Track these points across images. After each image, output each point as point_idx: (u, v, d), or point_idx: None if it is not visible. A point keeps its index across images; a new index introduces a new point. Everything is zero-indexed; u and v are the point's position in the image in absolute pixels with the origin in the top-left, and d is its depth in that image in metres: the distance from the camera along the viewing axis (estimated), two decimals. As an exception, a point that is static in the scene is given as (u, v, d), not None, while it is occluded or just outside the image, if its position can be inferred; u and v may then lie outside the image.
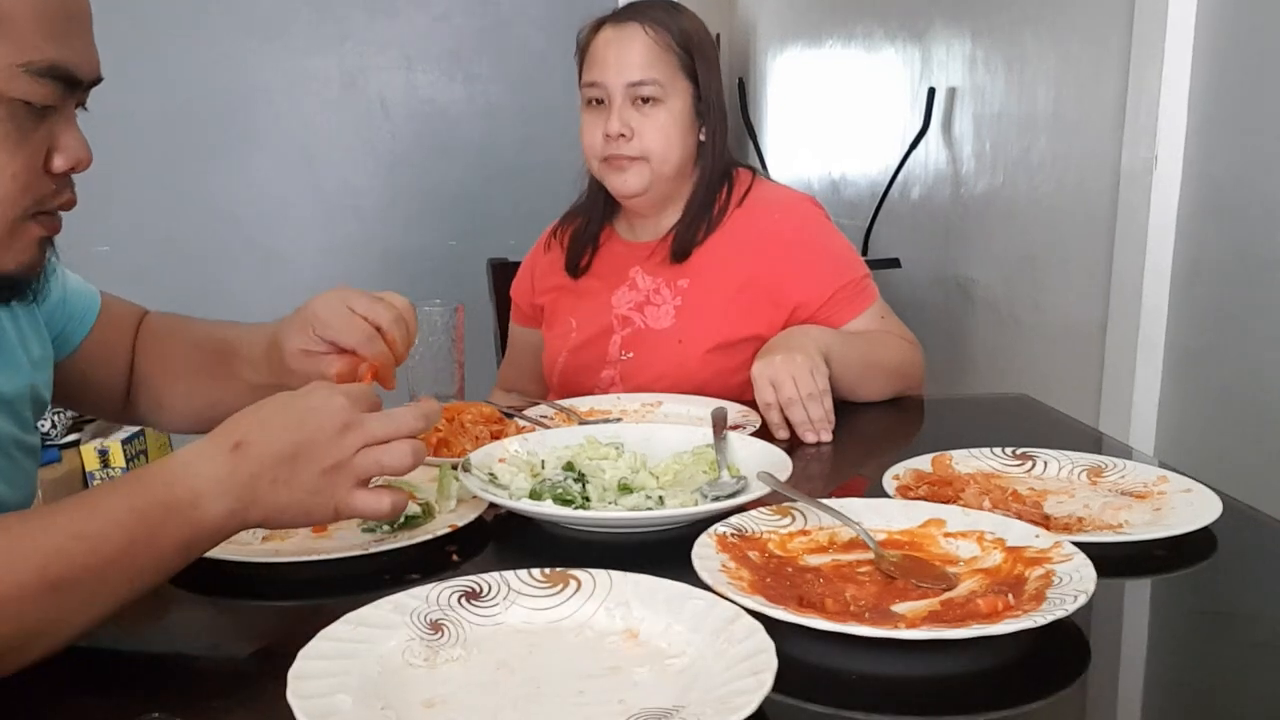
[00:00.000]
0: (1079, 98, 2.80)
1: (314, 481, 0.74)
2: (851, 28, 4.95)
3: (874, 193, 4.38)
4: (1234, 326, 2.14)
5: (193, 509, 0.70)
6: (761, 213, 1.47)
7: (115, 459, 1.76)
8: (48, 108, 0.77)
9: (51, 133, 0.79)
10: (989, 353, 3.50)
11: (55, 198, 0.82)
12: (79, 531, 0.65)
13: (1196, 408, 2.27)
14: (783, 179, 1.79)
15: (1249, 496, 0.96)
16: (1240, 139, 2.09)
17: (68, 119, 0.80)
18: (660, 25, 1.40)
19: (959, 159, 3.73)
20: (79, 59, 0.78)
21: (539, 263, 1.61)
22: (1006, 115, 3.32)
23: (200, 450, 0.73)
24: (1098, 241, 2.62)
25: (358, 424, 0.75)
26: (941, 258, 3.86)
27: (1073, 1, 2.86)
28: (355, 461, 0.75)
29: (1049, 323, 3.00)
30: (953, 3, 3.77)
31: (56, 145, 0.79)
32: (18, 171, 0.77)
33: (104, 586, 0.66)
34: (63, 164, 0.80)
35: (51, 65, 0.75)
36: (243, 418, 0.75)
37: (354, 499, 0.75)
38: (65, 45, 0.77)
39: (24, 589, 0.62)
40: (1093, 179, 2.67)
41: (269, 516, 0.74)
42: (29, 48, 0.74)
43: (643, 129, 1.40)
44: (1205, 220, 2.21)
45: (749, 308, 1.43)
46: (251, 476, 0.72)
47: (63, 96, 0.78)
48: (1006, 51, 3.31)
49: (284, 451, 0.73)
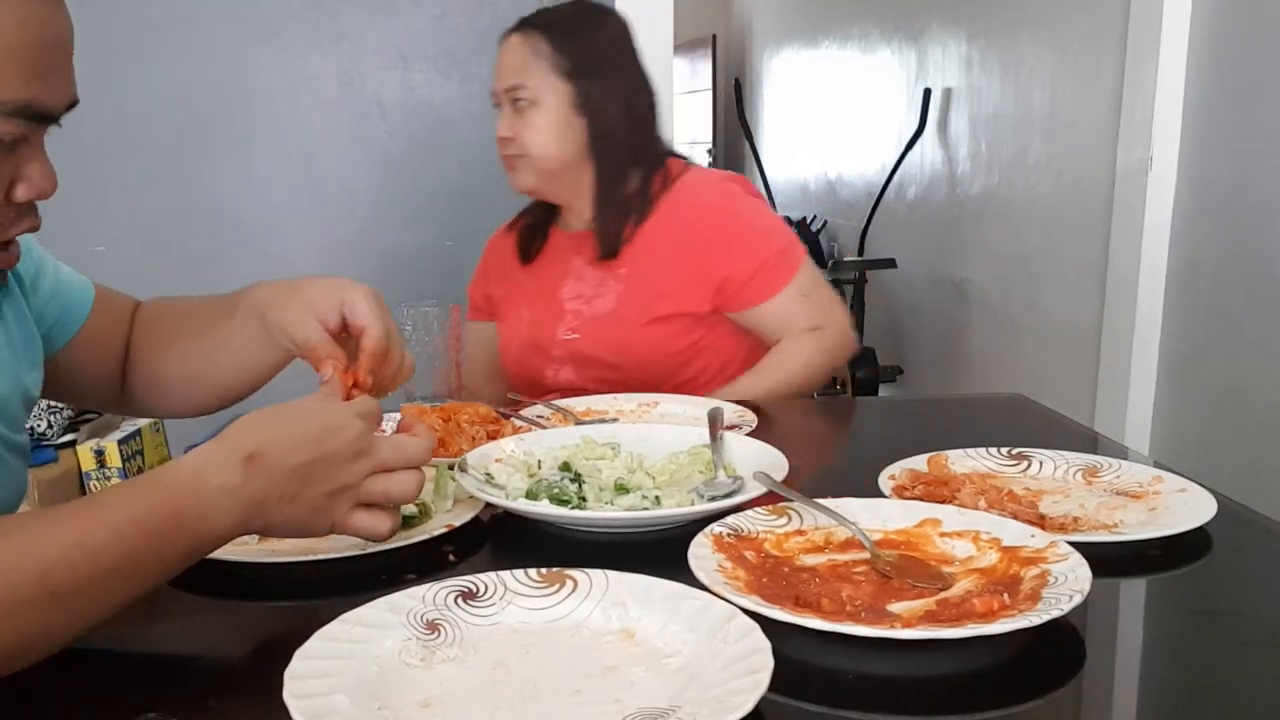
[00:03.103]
0: (1074, 98, 2.80)
1: (319, 500, 0.74)
2: (848, 28, 4.96)
3: (870, 193, 4.39)
4: (1229, 326, 2.14)
5: (199, 521, 0.69)
6: (687, 194, 1.58)
7: (111, 459, 1.75)
8: (18, 141, 0.75)
9: (17, 164, 0.76)
10: (984, 353, 3.51)
11: (14, 226, 0.79)
12: (82, 541, 0.65)
13: (1192, 407, 2.28)
14: (779, 179, 1.80)
15: (1244, 496, 0.96)
16: (1236, 140, 2.10)
17: (35, 148, 0.77)
18: (534, 30, 1.53)
19: (955, 160, 3.73)
20: (53, 95, 0.75)
21: (494, 256, 1.75)
22: (1002, 116, 3.32)
23: (210, 457, 0.71)
24: (1093, 242, 2.63)
25: (371, 451, 0.76)
26: (937, 258, 3.87)
27: (1069, 3, 2.87)
28: (363, 487, 0.76)
29: (1044, 323, 3.01)
30: (949, 4, 3.77)
31: (20, 175, 0.77)
32: None
33: (105, 595, 0.65)
34: (25, 194, 0.77)
35: (24, 106, 0.73)
36: (259, 424, 0.73)
37: (354, 519, 0.76)
38: (40, 83, 0.73)
39: (24, 598, 0.62)
40: (1088, 179, 2.68)
41: (269, 527, 0.74)
42: (2, 87, 0.71)
43: (520, 130, 1.53)
44: (1201, 221, 2.22)
45: (682, 285, 1.55)
46: (262, 492, 0.71)
47: (33, 130, 0.76)
48: (1002, 52, 3.31)
49: (297, 469, 0.72)
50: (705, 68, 7.45)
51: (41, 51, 0.73)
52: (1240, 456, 2.11)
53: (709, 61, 7.41)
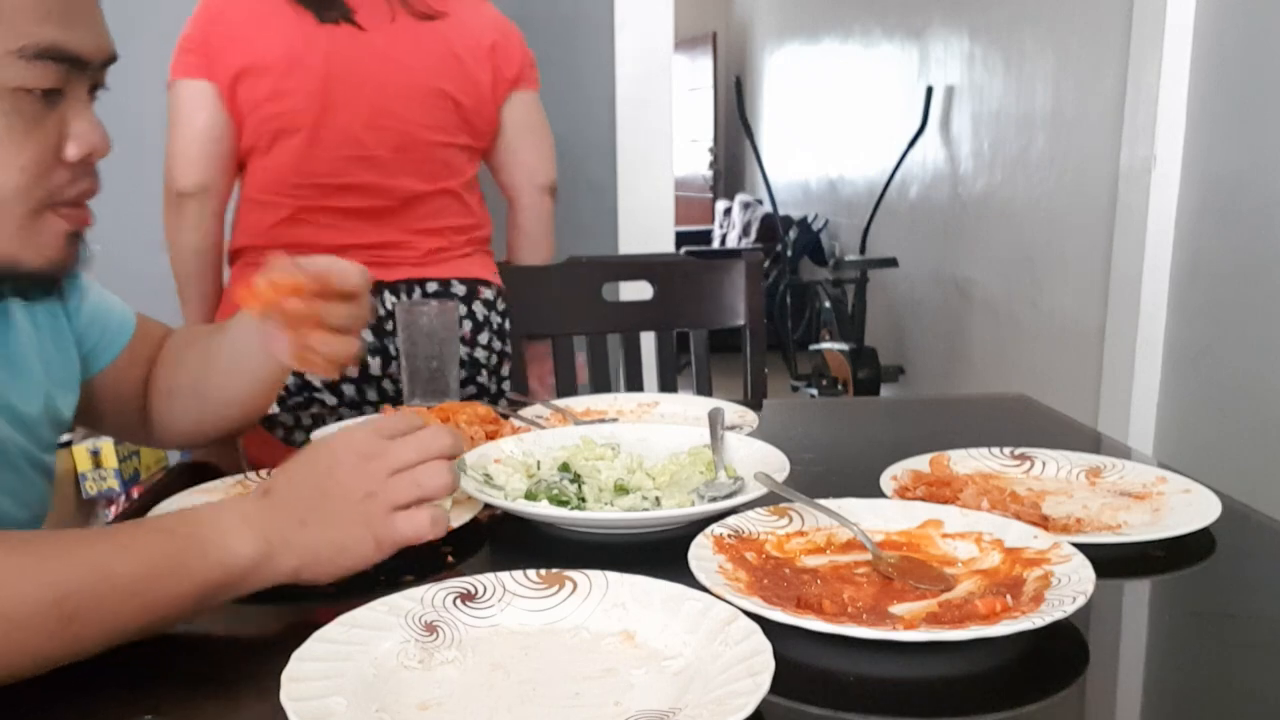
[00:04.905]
0: (1078, 96, 2.80)
1: (347, 515, 0.72)
2: (849, 25, 4.95)
3: (872, 192, 4.39)
4: (1233, 326, 2.13)
5: (220, 550, 0.68)
6: None
7: (107, 460, 1.75)
8: (54, 92, 0.75)
9: (63, 119, 0.76)
10: (987, 352, 3.50)
11: (71, 186, 0.79)
12: (104, 564, 0.64)
13: (1196, 407, 2.27)
14: (780, 178, 1.80)
15: (1248, 496, 0.95)
16: (1240, 138, 2.09)
17: (80, 103, 0.78)
18: None
19: (957, 158, 3.73)
20: (82, 38, 0.75)
21: None
22: (1005, 114, 3.32)
23: (233, 499, 0.74)
24: (1096, 241, 2.62)
25: (380, 452, 0.74)
26: (939, 257, 3.86)
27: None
28: (389, 487, 0.73)
29: (1047, 322, 3.00)
30: (951, 0, 3.76)
31: (68, 132, 0.77)
32: (26, 163, 0.75)
33: (118, 622, 0.65)
34: (76, 152, 0.77)
35: (49, 47, 0.72)
36: (274, 474, 0.75)
37: (394, 524, 0.73)
38: (65, 25, 0.73)
39: (37, 619, 0.61)
40: (1091, 178, 2.67)
41: (304, 562, 0.71)
42: (22, 32, 0.71)
43: None
44: (1205, 219, 2.21)
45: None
46: (278, 515, 0.71)
47: (69, 79, 0.75)
48: (1005, 49, 3.31)
49: (309, 493, 0.72)
50: (706, 65, 7.45)
51: None
52: (1245, 457, 2.10)
53: (710, 59, 7.41)
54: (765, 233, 5.90)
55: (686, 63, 7.34)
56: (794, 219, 5.42)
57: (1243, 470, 2.05)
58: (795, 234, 5.23)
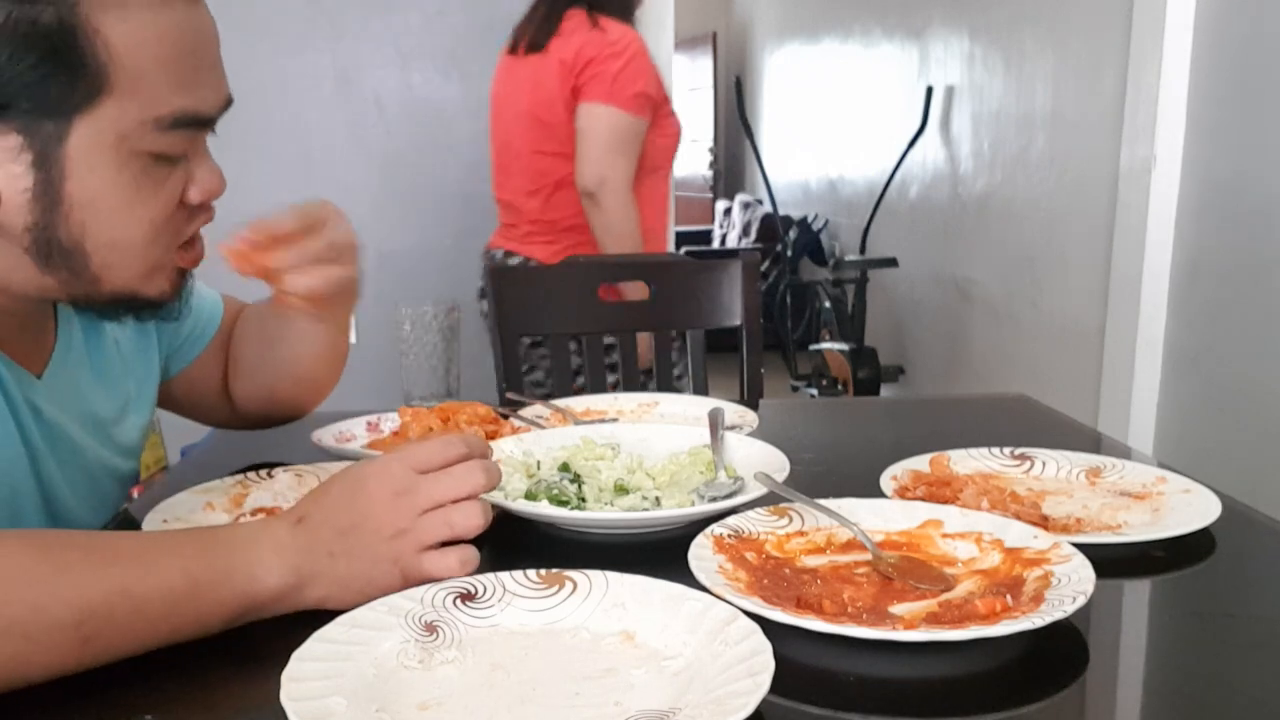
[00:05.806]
0: (1077, 96, 2.79)
1: (377, 551, 0.72)
2: (849, 25, 4.95)
3: (872, 192, 4.38)
4: (1234, 325, 2.13)
5: (249, 580, 0.68)
6: None
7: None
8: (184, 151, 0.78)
9: (187, 170, 0.79)
10: (987, 352, 3.50)
11: (190, 225, 0.83)
12: (128, 587, 0.64)
13: (1196, 407, 2.27)
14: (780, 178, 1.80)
15: (1249, 496, 0.95)
16: (1240, 138, 2.09)
17: (200, 151, 0.81)
18: None
19: (957, 158, 3.72)
20: (209, 98, 0.78)
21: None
22: (1005, 114, 3.31)
23: (264, 523, 0.73)
24: (1096, 241, 2.62)
25: (412, 489, 0.73)
26: (939, 257, 3.86)
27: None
28: (420, 526, 0.73)
29: (1047, 322, 3.00)
30: (950, 0, 3.76)
31: (191, 179, 0.80)
32: (155, 216, 0.78)
33: (135, 643, 0.65)
34: (198, 197, 0.81)
35: (179, 115, 0.75)
36: (307, 497, 0.75)
37: (422, 562, 0.73)
38: (195, 90, 0.76)
39: (57, 640, 0.61)
40: (1091, 178, 2.67)
41: (330, 593, 0.71)
42: (158, 102, 0.74)
43: None
44: (1205, 219, 2.21)
45: None
46: (310, 545, 0.71)
47: (194, 139, 0.79)
48: (1005, 49, 3.31)
49: (342, 524, 0.72)
50: (706, 65, 7.45)
51: (192, 54, 0.76)
52: (1245, 457, 2.10)
53: (710, 59, 7.41)
54: (765, 233, 5.90)
55: (686, 63, 7.33)
56: (794, 219, 5.42)
57: (1243, 470, 2.05)
58: (795, 234, 5.23)
